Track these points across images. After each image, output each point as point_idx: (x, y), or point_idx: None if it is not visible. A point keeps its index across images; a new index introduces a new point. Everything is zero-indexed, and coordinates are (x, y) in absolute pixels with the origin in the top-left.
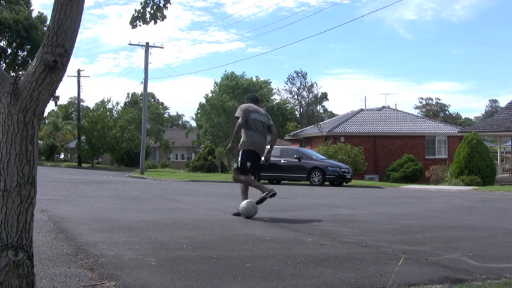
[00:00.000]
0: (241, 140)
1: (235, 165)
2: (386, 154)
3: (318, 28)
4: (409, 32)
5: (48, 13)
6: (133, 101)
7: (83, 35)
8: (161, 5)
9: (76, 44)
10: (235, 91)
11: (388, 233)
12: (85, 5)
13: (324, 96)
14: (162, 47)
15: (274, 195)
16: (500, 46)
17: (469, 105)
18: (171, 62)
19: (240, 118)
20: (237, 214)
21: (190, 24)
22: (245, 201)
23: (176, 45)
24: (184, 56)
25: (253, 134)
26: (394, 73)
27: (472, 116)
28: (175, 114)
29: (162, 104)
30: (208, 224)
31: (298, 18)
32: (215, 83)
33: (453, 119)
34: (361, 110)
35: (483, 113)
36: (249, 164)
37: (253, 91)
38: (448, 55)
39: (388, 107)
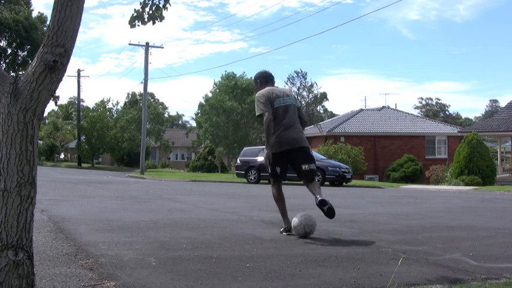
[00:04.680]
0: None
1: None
2: (386, 154)
3: (321, 28)
4: (412, 32)
5: (49, 13)
6: (133, 101)
7: (86, 35)
8: (160, 5)
9: (78, 44)
10: (235, 91)
11: (388, 233)
12: (88, 5)
13: (324, 96)
14: (162, 47)
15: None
16: (502, 46)
17: (469, 105)
18: (173, 62)
19: (266, 113)
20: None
21: (193, 24)
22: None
23: (179, 45)
24: (187, 56)
25: (282, 128)
26: (396, 73)
27: (472, 116)
28: (175, 114)
29: (162, 104)
30: (208, 224)
31: (301, 17)
32: (214, 83)
33: (453, 119)
34: (361, 110)
35: (483, 113)
36: (278, 169)
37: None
38: (449, 55)
39: (388, 107)
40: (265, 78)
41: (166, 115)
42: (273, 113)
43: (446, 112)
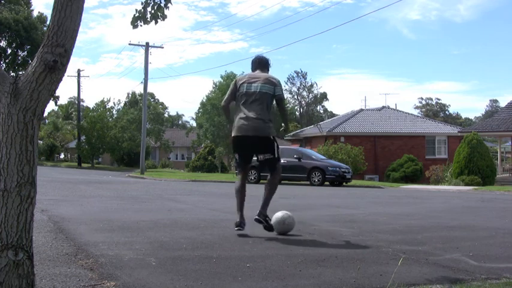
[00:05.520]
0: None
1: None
2: (386, 154)
3: (321, 28)
4: (413, 32)
5: (49, 13)
6: (133, 101)
7: (87, 35)
8: (162, 4)
9: (78, 44)
10: None
11: (388, 233)
12: (88, 5)
13: (324, 96)
14: (162, 47)
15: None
16: (502, 46)
17: (469, 105)
18: (173, 62)
19: (224, 98)
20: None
21: (194, 24)
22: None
23: (179, 45)
24: (187, 56)
25: (238, 114)
26: (396, 73)
27: (472, 116)
28: (175, 114)
29: (162, 104)
30: (208, 224)
31: (301, 17)
32: (214, 83)
33: (453, 119)
34: (361, 110)
35: (483, 113)
36: (237, 156)
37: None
38: (449, 55)
39: (388, 107)
40: (254, 64)
41: (166, 115)
42: (236, 97)
43: (446, 112)
